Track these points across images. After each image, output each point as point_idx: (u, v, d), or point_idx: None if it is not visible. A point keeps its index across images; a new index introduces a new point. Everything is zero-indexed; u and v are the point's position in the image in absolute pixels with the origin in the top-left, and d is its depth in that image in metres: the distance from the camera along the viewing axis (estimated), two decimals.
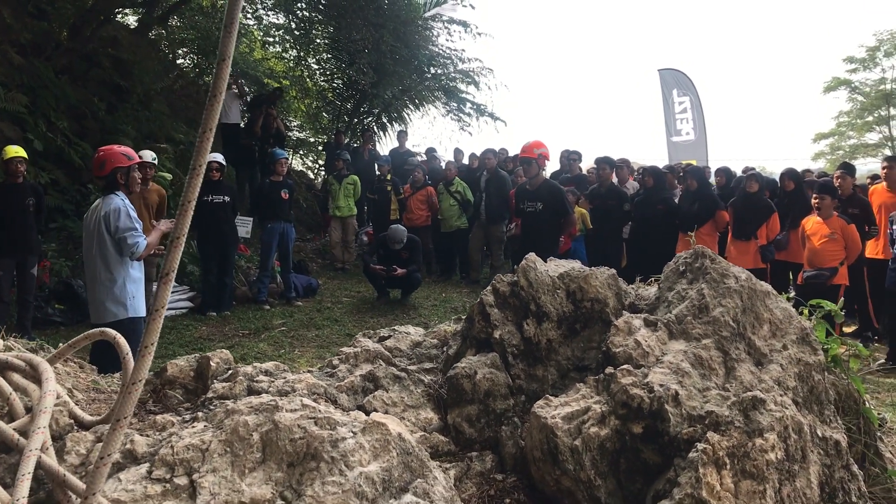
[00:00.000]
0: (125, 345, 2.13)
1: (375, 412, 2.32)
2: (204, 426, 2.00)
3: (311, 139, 20.65)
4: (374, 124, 19.11)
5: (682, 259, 2.83)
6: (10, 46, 10.32)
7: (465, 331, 2.94)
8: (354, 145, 15.87)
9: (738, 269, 2.71)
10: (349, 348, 2.91)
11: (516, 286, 2.86)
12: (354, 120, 18.58)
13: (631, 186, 10.81)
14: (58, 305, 8.49)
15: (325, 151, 16.99)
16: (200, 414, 2.16)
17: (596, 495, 2.19)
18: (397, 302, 10.10)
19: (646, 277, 3.38)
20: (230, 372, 2.57)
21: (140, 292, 5.34)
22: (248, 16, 17.80)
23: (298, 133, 20.71)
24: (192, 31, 16.79)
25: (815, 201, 7.84)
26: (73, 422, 2.11)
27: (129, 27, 15.50)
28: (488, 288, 2.94)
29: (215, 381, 2.49)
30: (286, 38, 18.61)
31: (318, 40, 18.06)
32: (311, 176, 19.88)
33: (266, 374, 2.55)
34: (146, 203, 8.17)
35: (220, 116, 10.98)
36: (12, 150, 7.59)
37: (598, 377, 2.44)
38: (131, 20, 16.18)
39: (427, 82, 18.63)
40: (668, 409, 2.19)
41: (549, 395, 2.47)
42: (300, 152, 20.50)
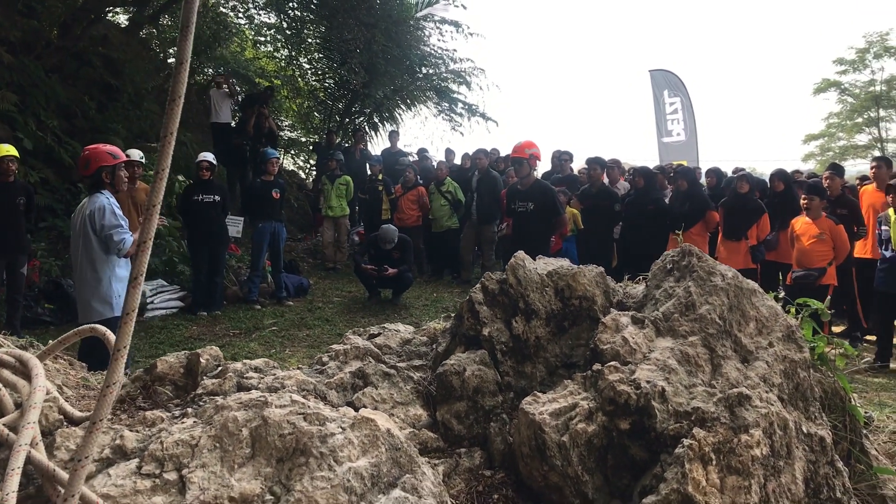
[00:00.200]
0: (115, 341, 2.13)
1: (365, 409, 2.33)
2: (193, 422, 2.01)
3: (303, 139, 20.65)
4: (366, 124, 19.11)
5: (669, 257, 2.86)
6: (0, 45, 10.28)
7: (454, 328, 2.95)
8: (346, 145, 15.86)
9: (724, 268, 2.74)
10: (339, 345, 2.92)
11: (505, 284, 2.88)
12: (346, 120, 18.57)
13: (622, 187, 10.85)
14: (47, 305, 8.46)
15: (316, 152, 16.97)
16: (190, 410, 2.16)
17: (583, 491, 2.21)
18: (388, 302, 10.10)
19: (636, 277, 3.40)
20: (220, 368, 2.58)
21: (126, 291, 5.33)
22: (240, 15, 17.78)
23: (290, 133, 20.69)
24: None
25: (803, 202, 7.89)
26: (62, 418, 2.11)
27: (120, 26, 15.45)
28: (477, 286, 2.96)
29: (205, 378, 2.50)
30: (277, 38, 18.58)
31: (309, 40, 18.03)
32: (302, 175, 19.87)
33: (256, 370, 2.56)
34: (134, 202, 8.15)
35: (211, 116, 10.93)
36: (3, 148, 7.56)
37: (585, 374, 2.46)
38: (122, 19, 16.14)
39: (419, 82, 18.63)
40: (655, 405, 2.21)
41: (538, 392, 2.48)
42: (291, 152, 20.49)
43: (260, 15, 18.00)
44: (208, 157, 9.55)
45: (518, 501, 2.35)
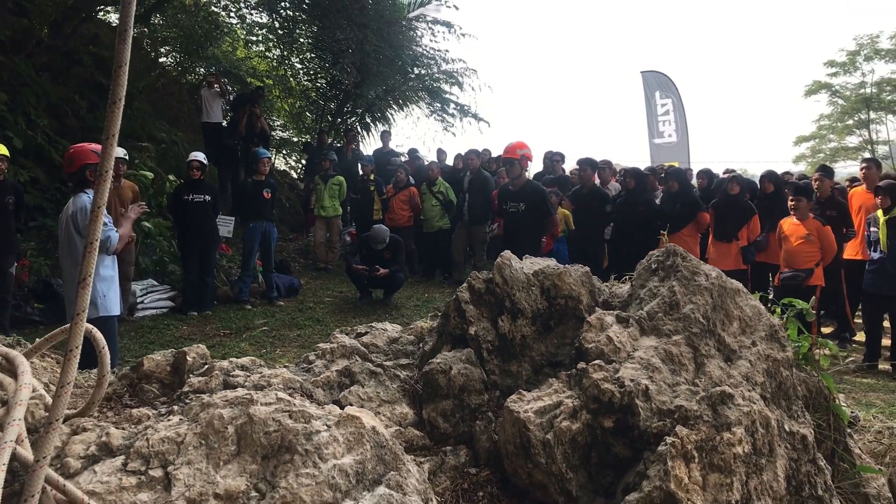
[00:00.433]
0: (101, 338, 2.14)
1: (350, 407, 2.34)
2: (179, 419, 2.02)
3: (295, 139, 20.61)
4: (358, 124, 19.08)
5: (654, 257, 2.88)
6: None
7: (440, 327, 2.97)
8: (338, 145, 15.85)
9: (708, 267, 2.76)
10: (326, 344, 2.93)
11: (492, 283, 2.90)
12: (338, 120, 18.54)
13: (613, 188, 10.87)
14: (37, 304, 8.42)
15: (306, 152, 16.94)
16: (176, 408, 2.17)
17: (567, 488, 2.23)
18: (380, 302, 10.09)
19: (623, 277, 3.42)
20: (206, 367, 2.59)
21: (112, 291, 5.31)
22: (232, 14, 17.74)
23: (282, 133, 20.66)
24: (174, 30, 16.70)
25: (790, 203, 7.93)
26: (48, 415, 2.11)
27: (111, 25, 15.41)
28: (464, 285, 2.97)
29: (191, 376, 2.51)
30: (269, 37, 18.53)
31: (301, 40, 17.99)
32: (293, 176, 19.84)
33: (242, 368, 2.57)
34: (120, 199, 8.14)
35: (202, 115, 10.88)
36: None
37: (570, 372, 2.48)
38: (113, 18, 16.05)
39: (411, 82, 18.61)
40: (639, 403, 2.23)
41: (523, 390, 2.50)
42: (283, 152, 20.45)
43: (252, 14, 17.99)
44: (199, 156, 9.53)
45: (503, 499, 2.37)
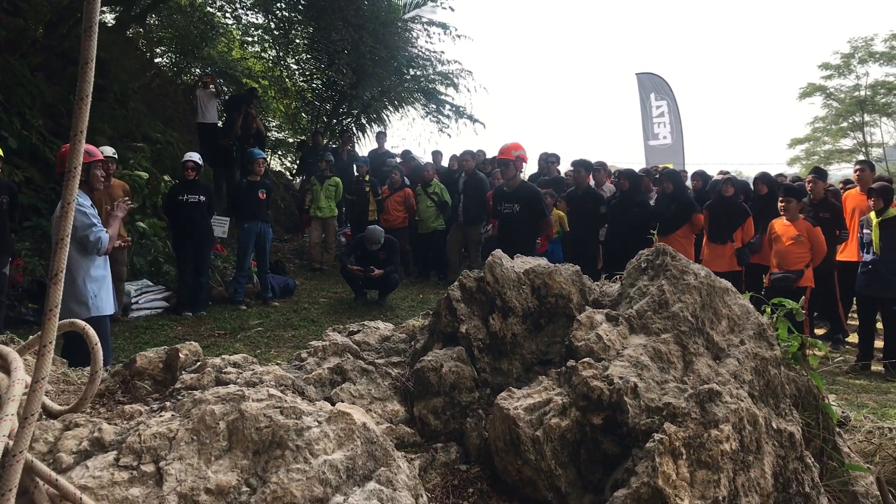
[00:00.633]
0: (94, 335, 2.15)
1: (342, 403, 2.35)
2: (171, 415, 2.03)
3: (290, 139, 20.62)
4: (353, 125, 19.09)
5: (643, 256, 2.90)
6: None
7: (432, 325, 2.99)
8: (333, 146, 15.86)
9: (697, 267, 2.78)
10: (318, 342, 2.95)
11: (482, 282, 2.92)
12: (333, 121, 18.55)
13: (607, 189, 10.90)
14: (31, 304, 8.41)
15: (301, 152, 16.94)
16: (168, 403, 2.19)
17: (556, 485, 2.25)
18: (374, 303, 10.11)
19: (613, 276, 3.44)
20: (199, 363, 2.60)
21: (103, 290, 5.32)
22: (227, 15, 17.75)
23: (277, 133, 20.66)
24: (169, 30, 16.71)
25: (780, 204, 7.97)
26: (41, 411, 2.13)
27: (107, 25, 15.38)
28: (455, 283, 2.99)
29: (184, 373, 2.52)
30: (265, 38, 18.54)
31: (297, 40, 18.01)
32: (288, 176, 19.84)
33: (234, 365, 2.58)
34: (111, 199, 8.13)
35: (198, 116, 10.86)
36: None
37: (560, 370, 2.50)
38: (108, 18, 16.04)
39: (406, 84, 18.63)
40: (627, 400, 2.25)
41: (513, 388, 2.52)
42: (278, 152, 20.46)
43: (247, 15, 18.00)
44: (194, 156, 9.53)
45: (493, 495, 2.39)
